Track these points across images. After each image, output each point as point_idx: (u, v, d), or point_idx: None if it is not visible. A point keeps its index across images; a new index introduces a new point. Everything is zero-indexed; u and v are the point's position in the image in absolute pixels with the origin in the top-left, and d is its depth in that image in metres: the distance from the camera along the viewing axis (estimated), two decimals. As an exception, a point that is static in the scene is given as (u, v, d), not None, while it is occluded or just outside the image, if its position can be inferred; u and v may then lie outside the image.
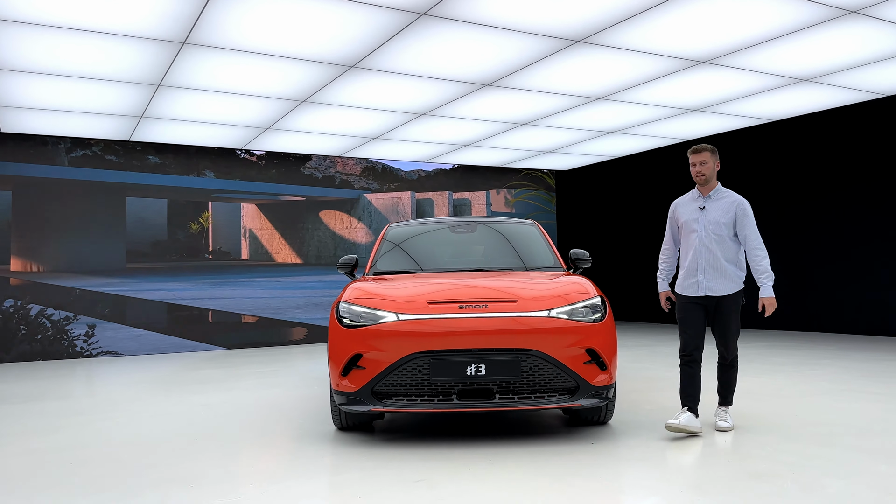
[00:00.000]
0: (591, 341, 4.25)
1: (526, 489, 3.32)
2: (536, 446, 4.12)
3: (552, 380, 4.16)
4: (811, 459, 3.72)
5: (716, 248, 4.45)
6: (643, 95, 8.48)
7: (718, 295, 4.46)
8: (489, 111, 9.08)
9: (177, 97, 8.05)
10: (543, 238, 5.78)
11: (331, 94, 8.06)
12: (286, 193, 11.66)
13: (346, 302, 4.47)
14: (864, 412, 4.93)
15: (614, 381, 4.39)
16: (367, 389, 4.15)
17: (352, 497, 3.25)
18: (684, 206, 4.68)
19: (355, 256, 5.55)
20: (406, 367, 4.12)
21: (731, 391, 4.61)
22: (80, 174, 10.27)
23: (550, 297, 4.38)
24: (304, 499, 3.25)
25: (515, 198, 13.86)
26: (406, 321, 4.21)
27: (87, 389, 7.10)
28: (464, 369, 4.10)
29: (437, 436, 4.48)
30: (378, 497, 3.23)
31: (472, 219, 6.15)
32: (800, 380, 6.47)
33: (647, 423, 4.73)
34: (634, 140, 11.33)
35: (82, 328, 10.16)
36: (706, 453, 3.93)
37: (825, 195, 11.11)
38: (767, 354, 8.46)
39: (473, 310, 4.23)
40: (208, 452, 4.18)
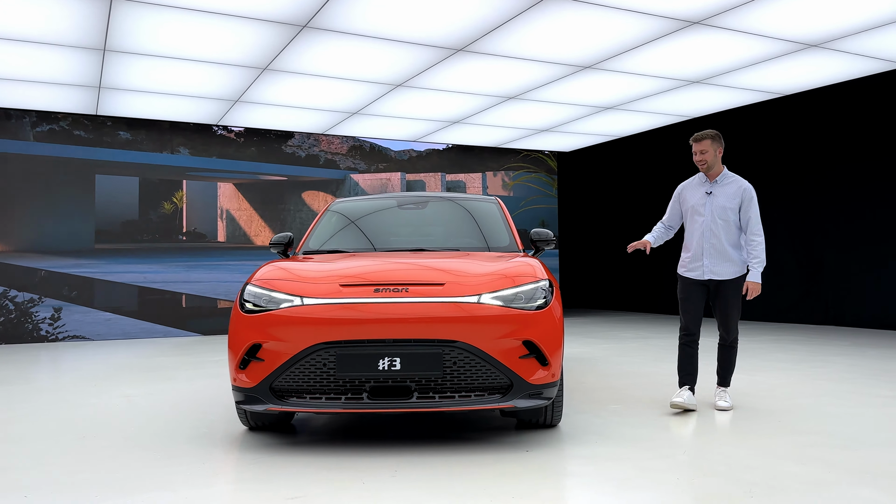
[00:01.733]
0: (530, 332, 3.60)
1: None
2: (459, 453, 3.50)
3: (480, 376, 3.53)
4: (780, 479, 3.05)
5: (721, 233, 4.49)
6: (634, 63, 7.74)
7: (721, 279, 4.50)
8: (471, 82, 8.40)
9: (130, 63, 7.50)
10: (502, 217, 5.12)
11: (292, 61, 7.44)
12: (266, 172, 11.09)
13: (252, 283, 3.87)
14: (860, 419, 4.23)
15: (559, 379, 3.75)
16: (266, 385, 3.55)
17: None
18: (691, 189, 4.71)
19: (290, 234, 4.95)
20: (309, 360, 3.51)
21: (730, 372, 4.67)
22: (46, 150, 9.80)
23: (484, 280, 3.74)
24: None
25: (514, 180, 13.17)
26: (310, 306, 3.59)
27: (21, 375, 6.61)
28: (375, 363, 3.48)
29: (355, 437, 3.87)
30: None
31: (424, 194, 5.52)
32: (799, 379, 5.76)
33: (602, 428, 4.08)
34: (636, 117, 10.57)
35: (48, 311, 9.72)
36: (652, 470, 3.26)
37: (843, 175, 10.28)
38: (770, 349, 7.73)
39: (391, 293, 3.60)
40: (79, 455, 3.61)
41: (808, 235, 10.70)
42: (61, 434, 4.09)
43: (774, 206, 11.22)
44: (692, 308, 4.60)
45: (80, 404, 5.04)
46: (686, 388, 4.60)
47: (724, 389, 4.67)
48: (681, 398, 4.49)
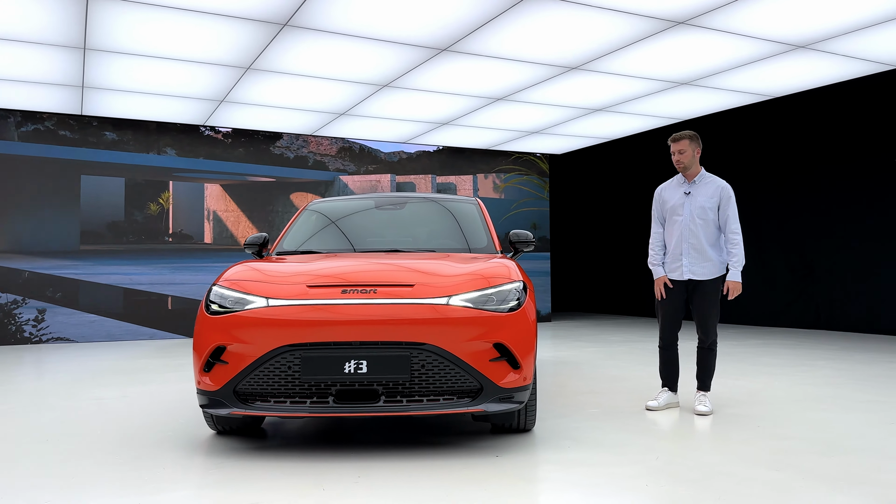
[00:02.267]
0: (501, 334, 3.52)
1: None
2: (427, 458, 3.41)
3: (449, 380, 3.44)
4: (752, 486, 2.97)
5: (700, 233, 4.49)
6: (620, 64, 7.66)
7: (700, 279, 4.49)
8: (456, 82, 8.33)
9: (111, 62, 7.42)
10: (481, 218, 5.05)
11: (275, 61, 7.36)
12: (254, 174, 11.00)
13: (219, 284, 3.79)
14: (840, 424, 4.15)
15: (531, 383, 3.66)
16: (229, 389, 3.47)
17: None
18: (670, 191, 4.69)
19: (265, 235, 4.87)
20: (273, 363, 3.43)
21: (709, 376, 4.61)
22: (30, 150, 9.70)
23: (455, 282, 3.65)
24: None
25: (505, 182, 13.09)
26: (276, 307, 3.51)
27: None
28: (341, 366, 3.39)
29: (324, 441, 3.79)
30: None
31: (403, 195, 5.45)
32: (784, 383, 5.68)
33: (577, 432, 4.00)
34: (626, 120, 10.50)
35: (31, 312, 9.61)
36: (622, 476, 3.18)
37: (834, 178, 10.22)
38: (758, 353, 7.66)
39: (359, 295, 3.52)
40: (38, 459, 3.52)
41: (799, 239, 10.64)
42: (24, 437, 4.00)
43: (765, 210, 11.16)
44: (671, 310, 4.61)
45: (51, 407, 4.95)
46: (666, 389, 4.71)
47: (704, 394, 4.61)
48: (656, 402, 4.63)
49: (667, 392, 4.70)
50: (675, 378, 4.71)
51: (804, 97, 9.66)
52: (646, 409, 4.62)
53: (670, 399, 4.68)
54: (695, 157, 4.55)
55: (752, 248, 11.30)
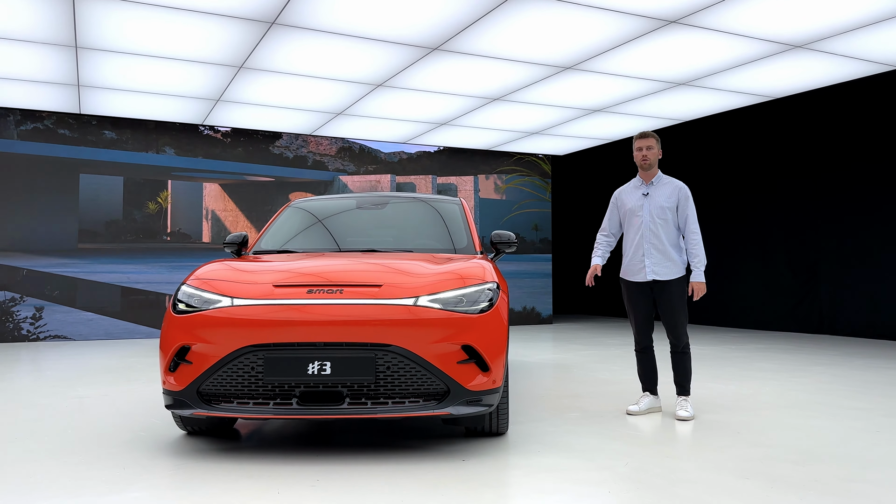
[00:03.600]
0: (469, 336, 3.46)
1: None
2: (391, 462, 3.35)
3: (415, 382, 3.39)
4: (717, 494, 2.89)
5: (661, 232, 4.46)
6: (615, 64, 7.57)
7: (664, 279, 4.44)
8: (451, 82, 8.27)
9: (103, 61, 7.43)
10: (463, 218, 4.99)
11: (267, 59, 7.34)
12: (253, 173, 11.00)
13: (187, 283, 3.75)
14: (821, 432, 4.05)
15: (501, 385, 3.60)
16: (193, 389, 3.43)
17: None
18: (628, 193, 4.66)
19: (244, 234, 4.85)
20: (237, 364, 3.38)
21: (687, 380, 4.54)
22: (30, 148, 9.75)
23: (425, 282, 3.60)
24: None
25: (506, 184, 13.01)
26: (239, 307, 3.47)
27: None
28: (304, 367, 3.34)
29: (291, 443, 3.74)
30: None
31: (385, 195, 5.40)
32: (774, 389, 5.58)
33: (551, 437, 3.93)
34: (626, 121, 10.40)
35: (29, 310, 9.66)
36: (586, 482, 3.11)
37: (837, 181, 10.07)
38: (755, 358, 7.54)
39: (324, 295, 3.47)
40: (1, 457, 3.50)
41: (802, 243, 10.49)
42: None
43: (768, 213, 11.02)
44: (640, 314, 4.57)
45: (30, 405, 4.94)
46: (647, 394, 4.66)
47: (686, 398, 4.53)
48: (636, 406, 4.58)
49: (648, 396, 4.64)
50: (654, 381, 4.66)
51: (805, 98, 9.53)
52: (627, 414, 4.54)
53: (652, 403, 4.62)
54: (658, 156, 4.56)
55: (756, 252, 11.17)
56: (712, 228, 12.08)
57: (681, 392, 4.54)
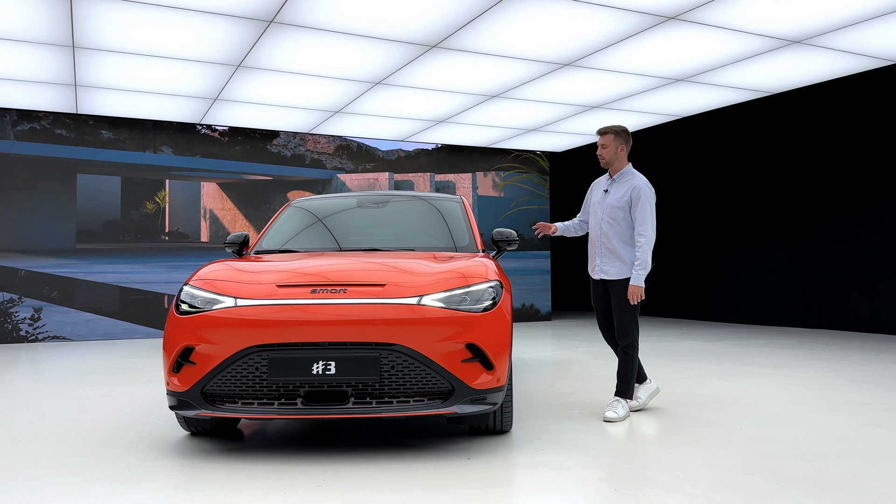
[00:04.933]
0: (473, 335, 3.46)
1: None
2: (397, 461, 3.36)
3: (420, 381, 3.39)
4: (723, 491, 2.89)
5: (610, 232, 4.41)
6: (614, 61, 7.57)
7: (611, 279, 4.41)
8: (449, 79, 8.26)
9: (100, 60, 7.40)
10: (464, 216, 4.98)
11: (264, 58, 7.32)
12: (251, 172, 10.98)
13: (190, 284, 3.75)
14: (823, 427, 4.06)
15: (505, 384, 3.60)
16: (197, 390, 3.42)
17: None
18: (597, 187, 4.64)
19: (245, 234, 4.84)
20: (241, 364, 3.38)
21: (625, 380, 4.40)
22: (27, 149, 9.71)
23: (428, 281, 3.60)
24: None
25: (504, 181, 13.01)
26: (243, 308, 3.47)
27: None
28: (309, 367, 3.34)
29: (296, 443, 3.74)
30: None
31: (386, 193, 5.39)
32: (775, 384, 5.60)
33: (555, 434, 3.93)
34: (624, 117, 10.39)
35: (28, 311, 9.63)
36: (591, 480, 3.12)
37: (837, 176, 10.09)
38: (754, 353, 7.56)
39: (328, 295, 3.47)
40: (4, 459, 3.49)
41: (801, 237, 10.51)
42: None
43: (766, 208, 11.04)
44: (597, 308, 4.59)
45: (30, 406, 4.93)
46: (638, 386, 4.63)
47: (618, 399, 4.38)
48: (636, 402, 4.57)
49: (639, 386, 4.61)
50: (639, 371, 4.62)
51: (804, 93, 9.54)
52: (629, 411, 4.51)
53: (648, 389, 4.60)
54: (618, 153, 4.44)
55: (755, 247, 11.19)
56: (711, 224, 12.10)
57: (616, 392, 4.43)
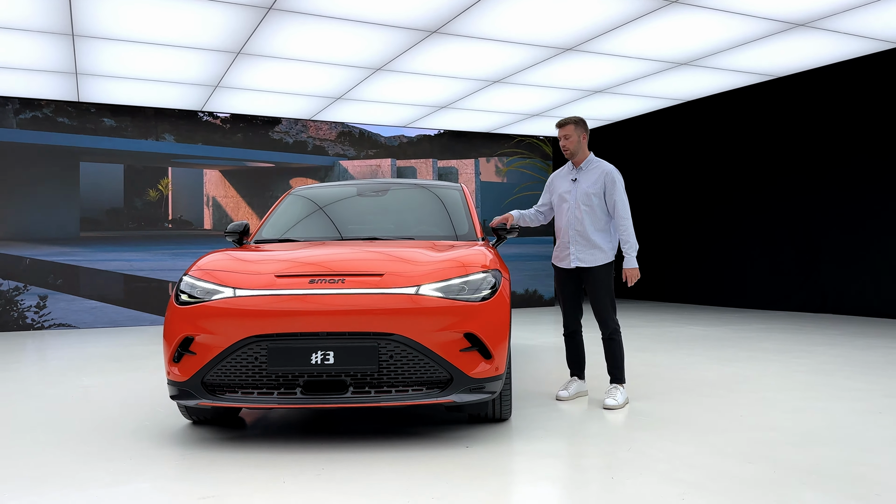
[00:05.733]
0: (472, 324, 3.46)
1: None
2: (396, 450, 3.38)
3: (418, 370, 3.40)
4: (719, 479, 2.90)
5: (585, 219, 4.41)
6: (616, 45, 7.52)
7: (589, 266, 4.41)
8: (450, 65, 8.22)
9: (100, 48, 7.38)
10: (464, 204, 4.97)
11: (264, 45, 7.30)
12: (253, 159, 10.97)
13: (189, 274, 3.76)
14: (824, 414, 4.06)
15: (504, 372, 3.61)
16: (197, 380, 3.44)
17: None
18: (560, 178, 4.64)
19: (245, 223, 4.84)
20: (240, 354, 3.40)
21: (618, 366, 4.46)
22: (29, 137, 9.73)
23: (426, 271, 3.60)
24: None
25: (507, 166, 12.98)
26: (242, 298, 3.47)
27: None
28: (308, 357, 3.35)
29: (297, 431, 3.76)
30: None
31: (386, 181, 5.39)
32: (777, 370, 5.59)
33: (553, 422, 3.94)
34: (628, 101, 10.34)
35: (33, 299, 9.69)
36: (589, 468, 3.13)
37: (842, 159, 10.03)
38: (756, 339, 7.56)
39: (326, 285, 3.48)
40: (5, 450, 3.53)
41: (805, 221, 10.47)
42: (2, 426, 4.01)
43: (771, 191, 10.98)
44: (567, 299, 4.56)
45: (35, 395, 4.97)
46: (574, 378, 4.66)
47: (616, 386, 4.42)
48: (566, 391, 4.57)
49: (575, 381, 4.64)
50: (581, 366, 4.67)
51: (808, 77, 9.46)
52: (556, 399, 4.53)
53: (579, 388, 4.62)
54: (581, 142, 4.48)
55: (759, 231, 11.15)
56: (714, 209, 12.05)
57: (612, 379, 4.47)
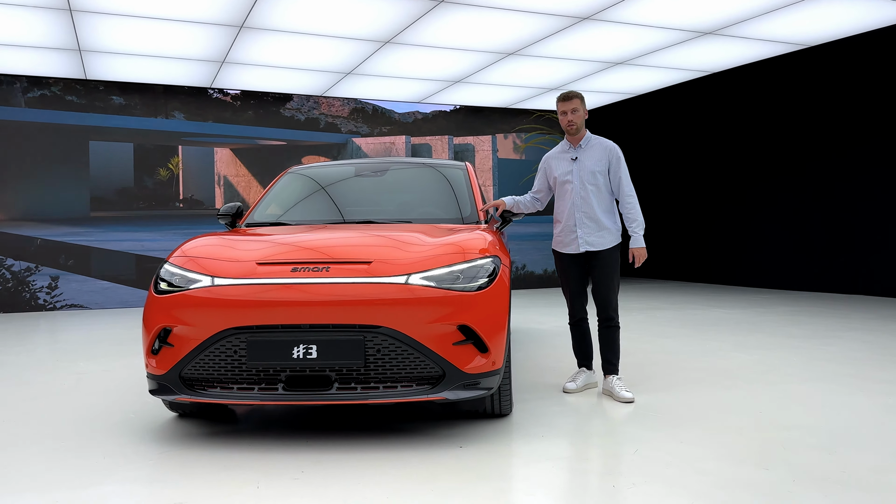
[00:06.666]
0: (467, 315, 3.22)
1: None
2: (383, 450, 3.15)
3: (408, 365, 3.16)
4: (730, 488, 2.63)
5: (592, 200, 4.14)
6: (635, 13, 7.13)
7: (597, 249, 4.13)
8: (461, 37, 7.89)
9: (98, 23, 7.18)
10: (467, 184, 4.70)
11: (267, 18, 7.03)
12: (264, 137, 10.76)
13: (170, 262, 3.55)
14: (849, 411, 3.75)
15: (501, 367, 3.36)
16: (175, 374, 3.25)
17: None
18: (556, 159, 4.32)
19: (238, 205, 4.63)
20: (218, 347, 3.19)
21: (617, 357, 4.20)
22: (38, 116, 9.61)
23: (419, 258, 3.35)
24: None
25: (526, 142, 12.61)
26: (221, 287, 3.26)
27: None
28: (289, 350, 3.13)
29: (280, 427, 3.56)
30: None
31: (384, 160, 5.13)
32: (801, 358, 5.27)
33: (557, 418, 3.70)
34: (651, 73, 9.92)
35: (45, 279, 9.64)
36: (589, 472, 2.89)
37: (875, 134, 9.53)
38: (783, 323, 7.21)
39: (310, 273, 3.25)
40: (-15, 444, 3.39)
41: (837, 196, 10.00)
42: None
43: (802, 168, 10.51)
44: (574, 286, 4.27)
45: (25, 382, 4.84)
46: (583, 369, 4.40)
47: (618, 377, 4.17)
48: (573, 383, 4.30)
49: (584, 372, 4.38)
50: (589, 356, 4.40)
51: (840, 46, 8.95)
52: (563, 392, 4.27)
53: (588, 379, 4.36)
54: (584, 118, 4.23)
55: (788, 208, 10.71)
56: (740, 184, 11.60)
57: (610, 370, 4.19)
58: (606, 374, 4.21)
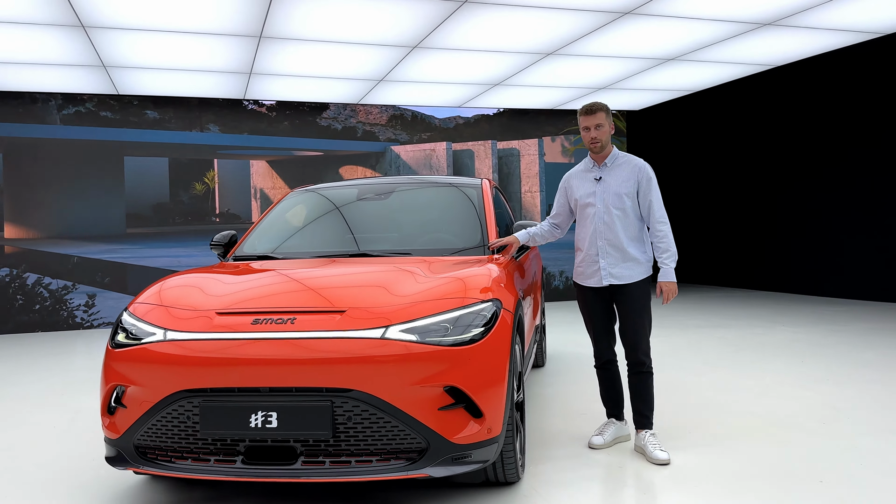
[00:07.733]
0: (456, 374, 2.72)
1: None
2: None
3: (384, 436, 2.69)
4: None
5: (618, 226, 3.58)
6: (684, 6, 6.45)
7: (624, 283, 3.57)
8: (495, 38, 7.36)
9: (115, 39, 6.97)
10: (480, 207, 4.17)
11: (285, 27, 6.67)
12: (301, 148, 10.46)
13: (128, 309, 3.17)
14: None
15: (500, 434, 2.84)
16: (128, 440, 2.86)
17: None
18: (578, 178, 3.76)
19: (232, 233, 4.28)
20: (170, 412, 2.78)
21: (650, 409, 3.62)
22: (73, 133, 9.55)
23: (401, 305, 2.87)
24: None
25: (574, 145, 11.95)
26: (173, 342, 2.85)
27: (8, 374, 6.30)
28: (246, 418, 2.70)
29: (252, 496, 3.14)
30: None
31: (391, 181, 4.65)
32: (879, 396, 4.56)
33: (579, 486, 3.15)
34: (705, 69, 9.15)
35: (82, 298, 9.58)
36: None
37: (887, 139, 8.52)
38: (858, 345, 6.44)
39: (272, 326, 2.80)
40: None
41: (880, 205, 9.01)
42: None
43: (880, 164, 9.53)
44: (599, 323, 3.72)
45: (20, 423, 4.58)
46: (612, 420, 3.82)
47: (652, 433, 3.58)
48: (601, 437, 3.71)
49: (613, 424, 3.79)
50: (620, 404, 3.82)
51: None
52: (589, 448, 3.69)
53: (618, 432, 3.77)
54: (610, 133, 3.66)
55: (868, 209, 9.73)
56: (812, 184, 10.67)
57: (644, 424, 3.61)
58: (638, 428, 3.63)
